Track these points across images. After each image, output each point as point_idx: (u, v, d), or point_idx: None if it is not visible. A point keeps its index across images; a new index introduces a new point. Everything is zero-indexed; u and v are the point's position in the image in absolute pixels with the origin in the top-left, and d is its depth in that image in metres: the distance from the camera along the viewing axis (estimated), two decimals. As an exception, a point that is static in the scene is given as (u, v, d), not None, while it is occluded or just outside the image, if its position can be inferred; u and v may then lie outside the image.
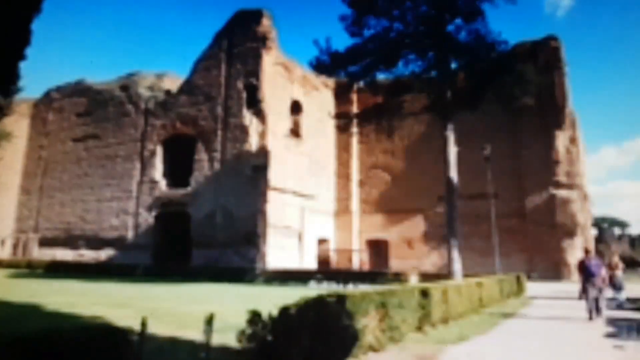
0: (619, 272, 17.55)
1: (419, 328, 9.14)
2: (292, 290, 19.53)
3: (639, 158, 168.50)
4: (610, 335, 9.68)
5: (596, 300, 12.80)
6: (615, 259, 18.77)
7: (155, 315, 9.98)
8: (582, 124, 38.41)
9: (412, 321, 8.76)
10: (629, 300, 17.31)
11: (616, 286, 17.01)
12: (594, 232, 44.46)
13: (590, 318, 12.48)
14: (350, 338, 5.74)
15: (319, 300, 5.50)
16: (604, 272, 13.59)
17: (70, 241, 40.85)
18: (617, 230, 79.67)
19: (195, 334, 6.63)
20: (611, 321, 12.04)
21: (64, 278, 27.09)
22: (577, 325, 11.44)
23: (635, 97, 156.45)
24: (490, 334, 9.89)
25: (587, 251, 14.68)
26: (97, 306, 11.08)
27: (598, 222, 70.58)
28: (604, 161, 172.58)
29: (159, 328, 8.07)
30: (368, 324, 6.61)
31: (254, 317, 4.61)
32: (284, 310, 4.96)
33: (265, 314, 4.92)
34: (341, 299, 5.86)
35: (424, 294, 9.59)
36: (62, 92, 47.31)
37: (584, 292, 13.65)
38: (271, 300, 6.28)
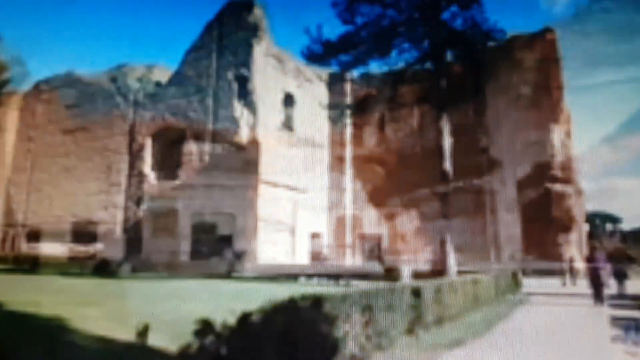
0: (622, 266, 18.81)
1: (410, 331, 8.35)
2: (280, 287, 18.82)
3: (632, 155, 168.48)
4: (617, 339, 8.97)
5: (601, 289, 15.31)
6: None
7: (122, 316, 9.23)
8: (576, 120, 37.91)
9: (402, 324, 7.96)
10: (624, 296, 17.58)
11: (620, 277, 18.59)
12: (586, 227, 43.94)
13: (597, 302, 15.06)
14: (328, 349, 4.96)
15: (290, 304, 4.70)
16: (608, 266, 16.38)
17: (58, 235, 39.93)
18: (609, 226, 79.16)
19: (155, 340, 5.85)
20: (616, 321, 11.36)
21: (48, 273, 26.24)
22: (580, 325, 10.80)
23: (630, 94, 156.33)
24: (488, 336, 9.18)
25: (594, 247, 16.46)
26: (63, 305, 10.24)
27: (590, 218, 70.04)
28: (598, 157, 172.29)
29: (122, 333, 7.29)
30: (350, 330, 5.82)
31: (204, 327, 3.81)
32: (245, 318, 4.15)
33: (230, 319, 4.12)
34: (317, 301, 5.04)
35: (416, 293, 8.80)
36: (51, 83, 46.10)
37: (594, 288, 15.60)
38: (254, 297, 5.55)
